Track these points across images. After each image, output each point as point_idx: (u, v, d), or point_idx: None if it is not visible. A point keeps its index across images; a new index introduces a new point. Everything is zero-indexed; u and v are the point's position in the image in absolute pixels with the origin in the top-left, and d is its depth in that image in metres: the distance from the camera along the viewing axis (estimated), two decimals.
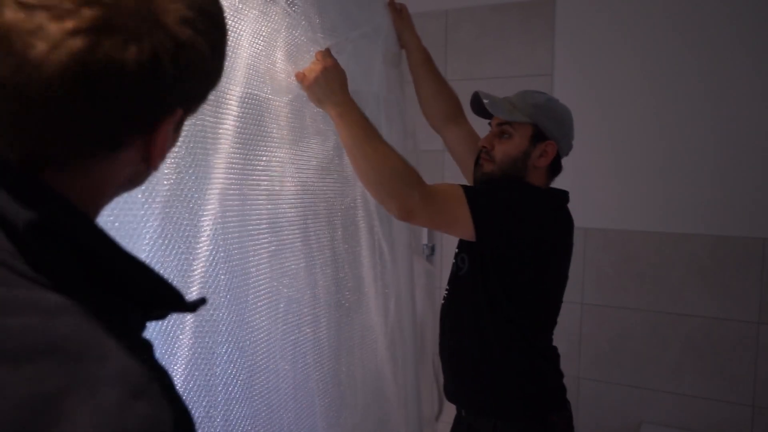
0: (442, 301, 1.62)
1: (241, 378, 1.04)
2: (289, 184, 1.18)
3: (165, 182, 0.85)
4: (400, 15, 1.62)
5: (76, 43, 0.44)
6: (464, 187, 1.36)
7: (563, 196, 1.53)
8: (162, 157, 0.56)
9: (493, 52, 2.55)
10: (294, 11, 1.15)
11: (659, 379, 2.33)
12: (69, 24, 0.44)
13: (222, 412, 1.00)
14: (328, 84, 1.23)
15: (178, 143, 0.83)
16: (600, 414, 2.43)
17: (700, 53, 2.21)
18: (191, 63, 0.52)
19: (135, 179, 0.58)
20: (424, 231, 2.68)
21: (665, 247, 2.31)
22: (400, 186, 1.27)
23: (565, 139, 1.50)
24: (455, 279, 1.56)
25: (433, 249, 2.70)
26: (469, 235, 1.35)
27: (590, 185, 2.36)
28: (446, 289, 1.60)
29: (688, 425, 2.29)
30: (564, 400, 1.55)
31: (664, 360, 2.32)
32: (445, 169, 2.64)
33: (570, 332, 2.45)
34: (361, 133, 1.26)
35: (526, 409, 1.49)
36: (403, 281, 1.56)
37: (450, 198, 1.34)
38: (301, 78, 1.23)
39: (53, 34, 0.44)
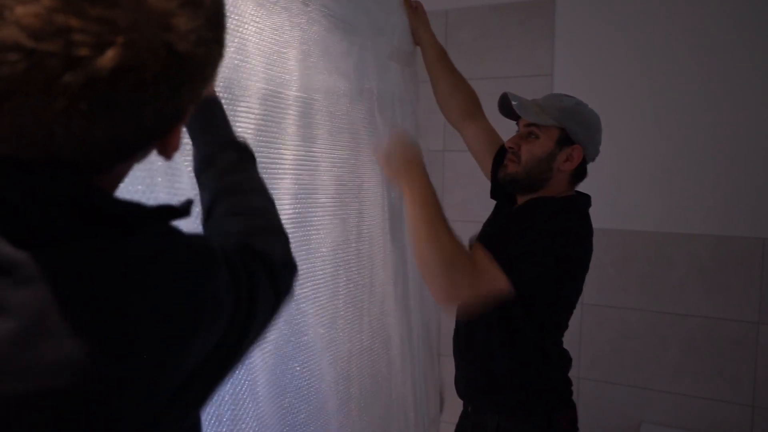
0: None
1: (251, 379, 1.03)
2: (304, 184, 1.17)
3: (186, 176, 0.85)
4: (415, 12, 1.60)
5: (97, 89, 0.43)
6: (480, 244, 1.32)
7: (583, 202, 1.51)
8: (178, 149, 0.57)
9: (493, 52, 2.55)
10: (312, 8, 1.14)
11: (659, 379, 2.34)
12: (86, 72, 0.42)
13: (230, 411, 1.00)
14: (407, 162, 1.30)
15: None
16: (600, 414, 2.43)
17: (700, 53, 2.22)
18: (206, 75, 0.52)
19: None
20: None
21: (665, 247, 2.31)
22: (448, 278, 1.26)
23: (592, 144, 1.48)
24: None
25: None
26: (509, 289, 1.29)
27: (590, 185, 2.34)
28: None
29: (688, 425, 2.29)
30: (569, 399, 1.55)
31: (664, 360, 2.32)
32: (446, 169, 2.64)
33: (570, 332, 2.43)
34: (424, 215, 1.28)
35: (531, 407, 1.49)
36: (414, 282, 1.55)
37: (486, 268, 1.28)
38: (381, 155, 1.32)
39: (72, 88, 0.42)
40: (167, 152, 0.55)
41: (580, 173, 1.51)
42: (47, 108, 0.42)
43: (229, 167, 0.78)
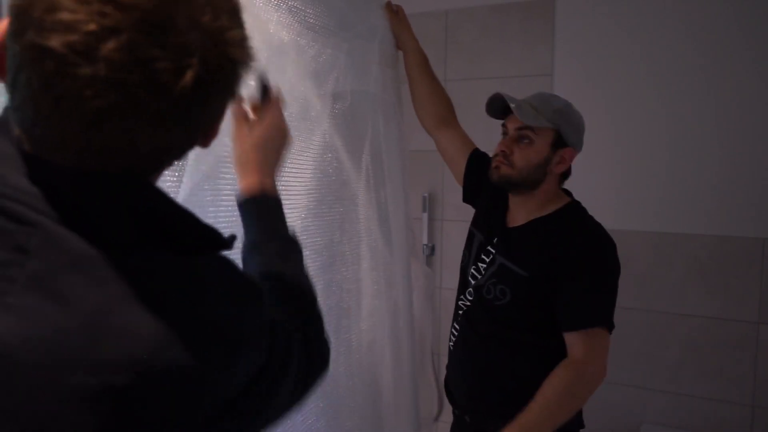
0: (462, 307, 1.61)
1: None
2: (286, 187, 1.18)
3: (166, 183, 0.86)
4: (397, 16, 1.62)
5: (179, 108, 0.48)
6: (608, 323, 1.43)
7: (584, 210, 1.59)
8: (216, 137, 0.61)
9: (493, 52, 2.55)
10: (281, 11, 1.13)
11: (659, 379, 2.33)
12: (170, 95, 0.47)
13: None
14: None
15: None
16: (600, 414, 2.43)
17: (700, 53, 2.21)
18: (246, 71, 0.57)
19: None
20: (424, 231, 2.68)
21: (665, 247, 2.31)
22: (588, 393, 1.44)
23: (579, 145, 1.52)
24: (490, 306, 1.53)
25: (433, 249, 2.70)
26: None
27: (590, 185, 2.35)
28: (468, 300, 1.59)
29: (688, 425, 2.29)
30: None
31: (664, 360, 2.32)
32: (446, 168, 2.63)
33: None
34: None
35: None
36: (402, 283, 1.56)
37: (603, 346, 1.43)
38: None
39: (160, 112, 0.47)
40: (207, 142, 0.59)
41: (567, 172, 1.56)
42: (134, 129, 0.47)
43: (275, 256, 0.82)
